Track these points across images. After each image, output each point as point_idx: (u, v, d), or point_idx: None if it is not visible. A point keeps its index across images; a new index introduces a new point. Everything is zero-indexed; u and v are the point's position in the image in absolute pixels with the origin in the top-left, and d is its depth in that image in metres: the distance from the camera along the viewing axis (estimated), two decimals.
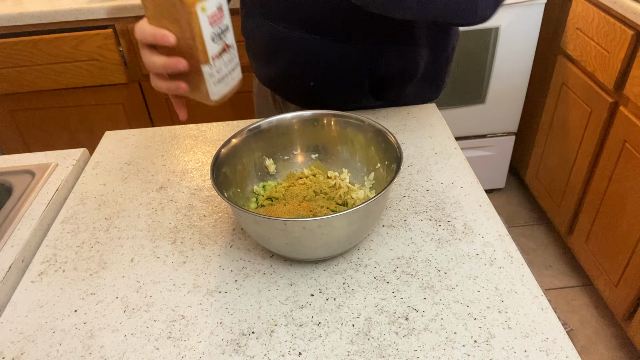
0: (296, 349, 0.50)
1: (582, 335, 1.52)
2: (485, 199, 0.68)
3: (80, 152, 0.82)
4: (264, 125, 0.67)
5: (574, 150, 1.57)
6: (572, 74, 1.54)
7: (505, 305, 0.53)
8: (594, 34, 1.39)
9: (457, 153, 0.77)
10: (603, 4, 1.33)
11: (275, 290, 0.56)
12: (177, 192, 0.73)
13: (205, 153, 0.81)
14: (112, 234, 0.66)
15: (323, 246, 0.55)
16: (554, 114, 1.68)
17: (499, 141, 1.88)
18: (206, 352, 0.50)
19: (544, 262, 1.76)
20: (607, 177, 1.40)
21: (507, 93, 1.76)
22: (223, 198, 0.53)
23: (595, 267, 1.50)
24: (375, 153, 0.66)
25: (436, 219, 0.65)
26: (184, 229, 0.66)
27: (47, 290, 0.58)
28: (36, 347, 0.51)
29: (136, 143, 0.85)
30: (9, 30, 1.44)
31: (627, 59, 1.27)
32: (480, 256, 0.59)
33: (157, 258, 0.62)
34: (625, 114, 1.29)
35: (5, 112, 1.60)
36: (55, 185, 0.74)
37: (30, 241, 0.65)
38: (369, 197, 0.66)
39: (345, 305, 0.54)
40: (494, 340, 0.49)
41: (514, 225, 1.92)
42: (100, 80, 1.54)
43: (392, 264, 0.59)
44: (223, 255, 0.61)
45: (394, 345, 0.49)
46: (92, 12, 1.42)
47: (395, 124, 0.85)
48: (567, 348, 0.48)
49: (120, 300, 0.56)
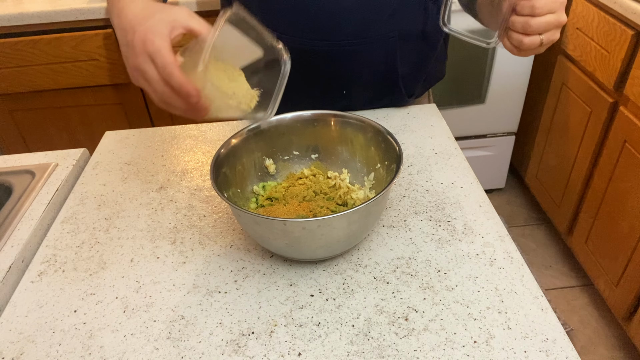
0: (296, 350, 0.50)
1: (582, 335, 1.52)
2: (485, 199, 0.68)
3: (80, 152, 0.82)
4: (263, 126, 0.67)
5: (574, 151, 1.57)
6: (572, 74, 1.53)
7: (505, 306, 0.53)
8: (594, 34, 1.39)
9: (457, 153, 0.77)
10: (603, 4, 1.33)
11: (275, 291, 0.56)
12: (177, 192, 0.73)
13: (205, 153, 0.81)
14: (112, 234, 0.66)
15: (323, 246, 0.55)
16: (554, 114, 1.68)
17: (499, 141, 1.88)
18: (206, 353, 0.50)
19: (544, 262, 1.76)
20: (607, 177, 1.40)
21: (507, 93, 1.76)
22: (223, 198, 0.53)
23: (595, 267, 1.50)
24: (375, 153, 0.66)
25: (436, 219, 0.65)
26: (184, 229, 0.66)
27: (46, 291, 0.58)
28: (36, 347, 0.51)
29: (136, 143, 0.85)
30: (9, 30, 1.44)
31: (627, 59, 1.27)
32: (480, 256, 0.59)
33: (157, 258, 0.62)
34: (625, 114, 1.29)
35: (5, 112, 1.60)
36: (55, 185, 0.74)
37: (30, 241, 0.65)
38: (369, 197, 0.66)
39: (345, 305, 0.54)
40: (493, 340, 0.49)
41: (514, 225, 1.92)
42: (100, 80, 1.54)
43: (392, 264, 0.59)
44: (223, 255, 0.61)
45: (393, 346, 0.49)
46: (92, 12, 1.42)
47: (395, 124, 0.85)
48: (567, 349, 0.48)
49: (120, 301, 0.56)
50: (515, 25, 0.61)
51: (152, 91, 0.51)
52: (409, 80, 0.87)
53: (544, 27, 0.60)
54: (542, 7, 0.58)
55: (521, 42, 0.61)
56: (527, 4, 0.59)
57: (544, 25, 0.60)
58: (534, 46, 0.61)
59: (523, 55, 0.65)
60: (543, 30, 0.60)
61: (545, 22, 0.59)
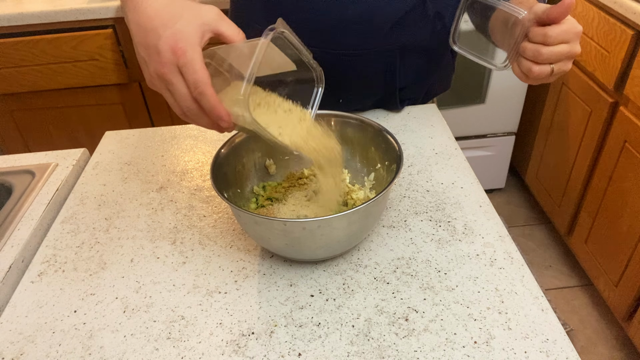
0: (296, 350, 0.50)
1: (582, 335, 1.51)
2: (486, 200, 0.68)
3: (80, 152, 0.82)
4: None
5: (574, 150, 1.57)
6: (572, 74, 1.53)
7: (505, 306, 0.53)
8: (594, 34, 1.39)
9: (457, 153, 0.77)
10: (603, 4, 1.33)
11: (275, 291, 0.56)
12: (177, 192, 0.73)
13: (205, 153, 0.81)
14: (112, 234, 0.66)
15: (323, 247, 0.55)
16: (554, 114, 1.68)
17: (499, 141, 1.88)
18: (206, 353, 0.50)
19: (544, 262, 1.76)
20: (607, 177, 1.40)
21: (507, 93, 1.76)
22: (223, 198, 0.53)
23: (595, 267, 1.50)
24: (375, 153, 0.66)
25: (436, 220, 0.65)
26: (184, 229, 0.66)
27: (46, 291, 0.58)
28: (36, 347, 0.51)
29: (136, 143, 0.85)
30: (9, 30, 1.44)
31: (627, 59, 1.27)
32: (480, 257, 0.59)
33: (157, 258, 0.62)
34: (625, 114, 1.29)
35: (5, 112, 1.60)
36: (55, 185, 0.74)
37: (30, 241, 0.65)
38: (369, 197, 0.66)
39: (345, 306, 0.54)
40: (494, 341, 0.49)
41: (514, 225, 1.92)
42: (100, 80, 1.54)
43: (392, 265, 0.59)
44: (223, 255, 0.61)
45: (393, 346, 0.49)
46: (92, 12, 1.42)
47: (395, 124, 0.85)
48: (567, 349, 0.48)
49: (120, 301, 0.56)
50: (526, 52, 0.58)
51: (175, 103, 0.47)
52: (409, 93, 0.87)
53: (556, 57, 0.57)
54: (555, 36, 0.55)
55: (530, 70, 0.58)
56: (540, 32, 0.56)
57: (556, 55, 0.57)
58: (544, 75, 0.58)
59: (532, 82, 0.62)
60: (555, 60, 0.57)
61: (557, 52, 0.56)
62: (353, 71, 0.80)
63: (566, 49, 0.57)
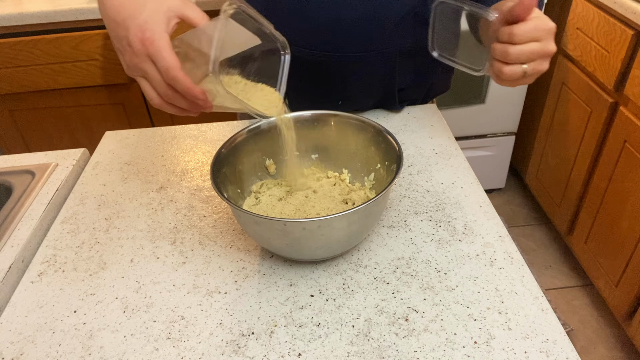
0: (296, 350, 0.50)
1: (582, 335, 1.51)
2: (486, 200, 0.68)
3: (80, 152, 0.82)
4: (264, 126, 0.67)
5: (574, 150, 1.57)
6: (572, 74, 1.53)
7: (505, 306, 0.53)
8: (594, 34, 1.39)
9: (457, 153, 0.77)
10: (603, 4, 1.33)
11: (275, 291, 0.56)
12: (177, 192, 0.73)
13: (205, 153, 0.81)
14: (112, 234, 0.66)
15: (323, 247, 0.55)
16: (554, 114, 1.68)
17: (499, 141, 1.88)
18: (206, 353, 0.50)
19: (544, 262, 1.76)
20: (607, 177, 1.40)
21: (507, 93, 1.76)
22: (223, 198, 0.53)
23: (595, 267, 1.50)
24: (375, 153, 0.66)
25: (436, 220, 0.65)
26: (184, 229, 0.66)
27: (46, 291, 0.58)
28: (36, 347, 0.51)
29: (136, 143, 0.85)
30: (9, 30, 1.44)
31: (627, 59, 1.27)
32: (480, 257, 0.59)
33: (156, 258, 0.62)
34: (625, 114, 1.29)
35: (5, 112, 1.60)
36: (55, 185, 0.74)
37: (30, 241, 0.65)
38: (369, 197, 0.66)
39: (345, 306, 0.54)
40: (494, 341, 0.49)
41: (514, 225, 1.92)
42: (100, 80, 1.54)
43: (392, 265, 0.59)
44: (223, 255, 0.61)
45: (393, 347, 0.49)
46: (92, 12, 1.42)
47: (395, 124, 0.85)
48: (567, 349, 0.48)
49: (119, 301, 0.56)
50: (495, 52, 0.55)
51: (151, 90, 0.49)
52: (408, 94, 0.87)
53: (527, 56, 0.53)
54: (521, 34, 0.52)
55: (500, 70, 0.55)
56: (506, 31, 0.53)
57: (526, 54, 0.53)
58: (516, 76, 0.55)
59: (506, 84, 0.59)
60: (525, 59, 0.54)
61: (527, 51, 0.53)
62: (353, 73, 0.79)
63: (537, 47, 0.54)
